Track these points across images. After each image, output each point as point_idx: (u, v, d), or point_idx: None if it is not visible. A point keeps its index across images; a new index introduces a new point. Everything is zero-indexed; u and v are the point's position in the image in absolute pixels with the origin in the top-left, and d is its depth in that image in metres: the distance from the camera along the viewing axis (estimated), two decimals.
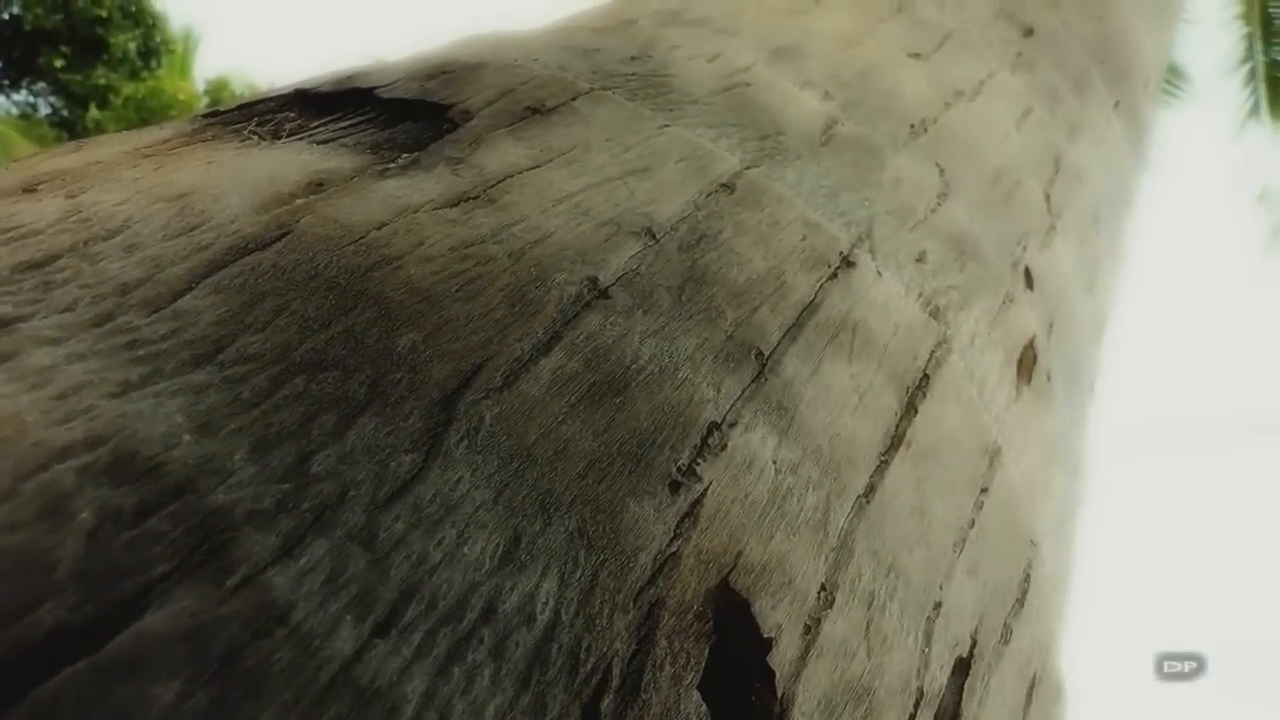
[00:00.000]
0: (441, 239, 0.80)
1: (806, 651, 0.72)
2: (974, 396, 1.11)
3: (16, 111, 12.79)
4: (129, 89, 12.35)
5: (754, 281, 0.94)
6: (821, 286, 1.00)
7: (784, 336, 0.91)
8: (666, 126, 1.10)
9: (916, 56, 1.65)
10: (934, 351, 1.08)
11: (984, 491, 1.03)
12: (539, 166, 0.94)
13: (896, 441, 0.94)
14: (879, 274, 1.09)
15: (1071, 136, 1.96)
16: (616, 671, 0.60)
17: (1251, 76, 8.75)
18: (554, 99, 1.07)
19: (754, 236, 1.00)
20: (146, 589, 0.48)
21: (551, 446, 0.68)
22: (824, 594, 0.77)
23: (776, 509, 0.77)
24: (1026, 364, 1.31)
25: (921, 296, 1.14)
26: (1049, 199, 1.68)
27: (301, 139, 0.95)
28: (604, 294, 0.83)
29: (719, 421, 0.79)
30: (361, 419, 0.62)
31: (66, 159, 0.89)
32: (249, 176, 0.83)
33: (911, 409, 0.99)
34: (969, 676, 0.90)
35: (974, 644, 0.92)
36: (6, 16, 12.00)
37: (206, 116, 1.03)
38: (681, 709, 0.63)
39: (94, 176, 0.83)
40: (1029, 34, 2.05)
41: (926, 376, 1.04)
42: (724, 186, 1.04)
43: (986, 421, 1.11)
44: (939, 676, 0.86)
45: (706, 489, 0.74)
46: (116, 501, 0.51)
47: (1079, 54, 2.20)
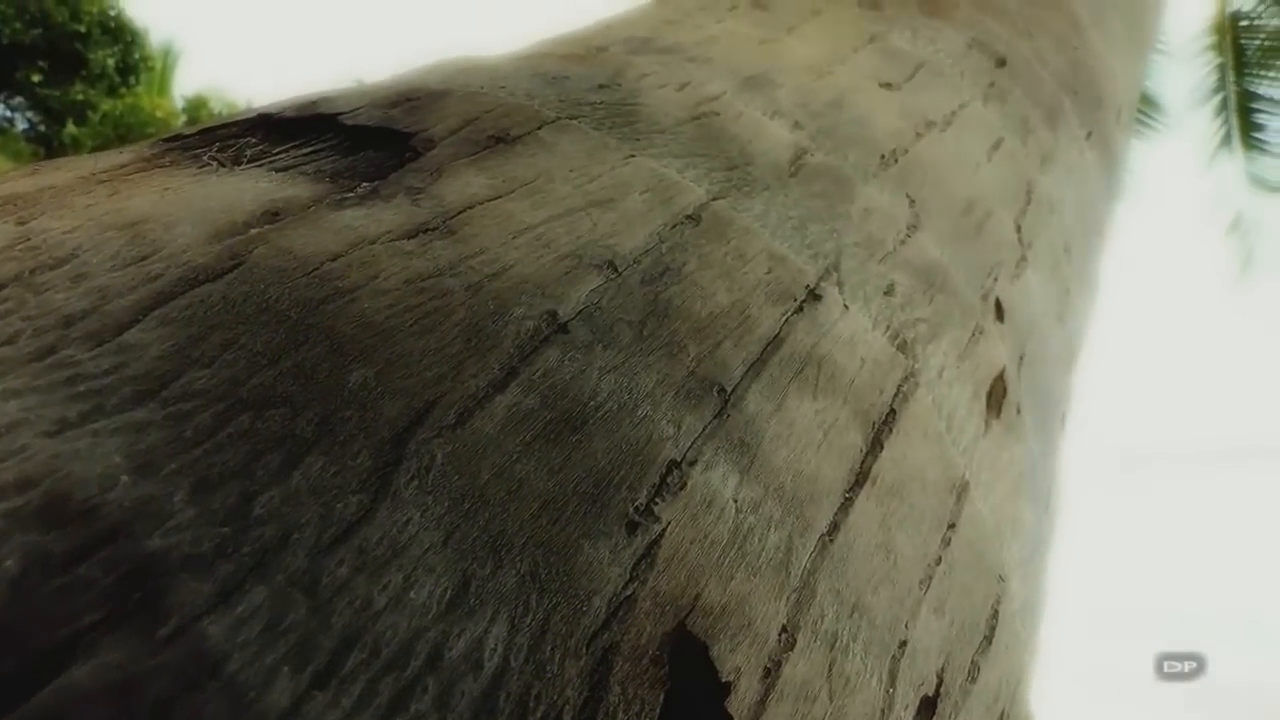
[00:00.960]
0: (397, 271, 0.78)
1: (766, 695, 0.71)
2: (941, 431, 1.10)
3: None
4: (107, 105, 12.31)
5: (717, 316, 0.93)
6: (787, 320, 0.99)
7: (747, 372, 0.90)
8: (632, 156, 1.09)
9: (888, 86, 1.65)
10: (901, 386, 1.07)
11: (951, 528, 1.02)
12: (500, 197, 0.93)
13: (861, 478, 0.93)
14: (846, 307, 1.08)
15: (1044, 167, 1.97)
16: (568, 719, 0.59)
17: (1223, 106, 8.91)
18: (519, 128, 1.06)
19: (718, 269, 0.98)
20: (73, 640, 0.46)
21: (505, 486, 0.66)
22: (785, 635, 0.75)
23: (737, 549, 0.76)
24: (996, 397, 1.30)
25: (889, 329, 1.13)
26: (1020, 230, 1.68)
27: (262, 165, 0.94)
28: (563, 329, 0.81)
29: (679, 460, 0.78)
30: (308, 458, 0.60)
31: (19, 183, 0.87)
32: (204, 205, 0.81)
33: (877, 445, 0.98)
34: (935, 716, 0.89)
35: (940, 683, 0.91)
36: None
37: (167, 141, 1.01)
38: None
39: (46, 202, 0.81)
40: (1001, 64, 2.06)
41: (893, 411, 1.03)
42: (689, 218, 1.03)
43: (954, 456, 1.10)
44: (904, 717, 0.84)
45: (664, 529, 0.72)
46: (46, 547, 0.49)
47: (1051, 85, 2.21)
